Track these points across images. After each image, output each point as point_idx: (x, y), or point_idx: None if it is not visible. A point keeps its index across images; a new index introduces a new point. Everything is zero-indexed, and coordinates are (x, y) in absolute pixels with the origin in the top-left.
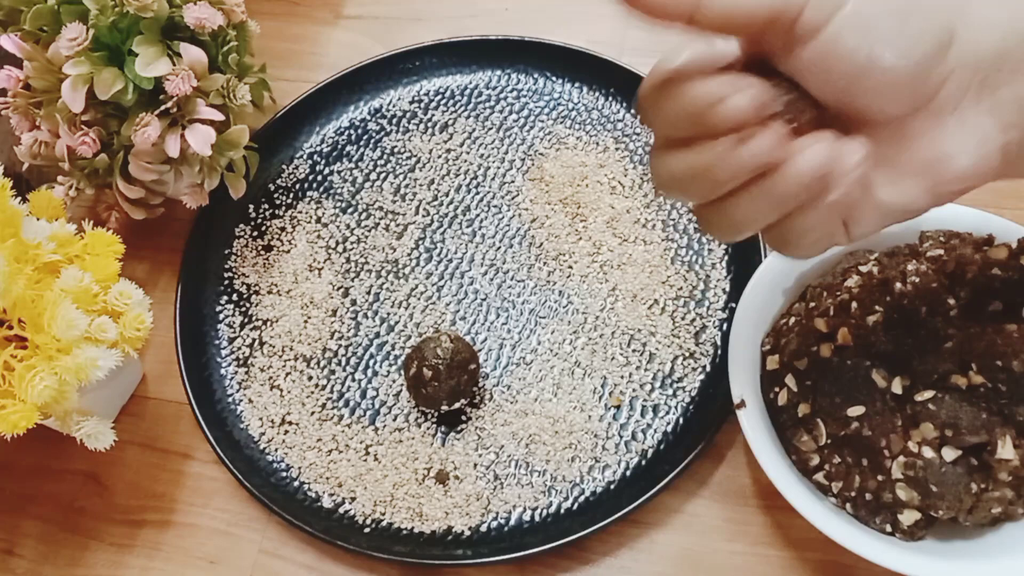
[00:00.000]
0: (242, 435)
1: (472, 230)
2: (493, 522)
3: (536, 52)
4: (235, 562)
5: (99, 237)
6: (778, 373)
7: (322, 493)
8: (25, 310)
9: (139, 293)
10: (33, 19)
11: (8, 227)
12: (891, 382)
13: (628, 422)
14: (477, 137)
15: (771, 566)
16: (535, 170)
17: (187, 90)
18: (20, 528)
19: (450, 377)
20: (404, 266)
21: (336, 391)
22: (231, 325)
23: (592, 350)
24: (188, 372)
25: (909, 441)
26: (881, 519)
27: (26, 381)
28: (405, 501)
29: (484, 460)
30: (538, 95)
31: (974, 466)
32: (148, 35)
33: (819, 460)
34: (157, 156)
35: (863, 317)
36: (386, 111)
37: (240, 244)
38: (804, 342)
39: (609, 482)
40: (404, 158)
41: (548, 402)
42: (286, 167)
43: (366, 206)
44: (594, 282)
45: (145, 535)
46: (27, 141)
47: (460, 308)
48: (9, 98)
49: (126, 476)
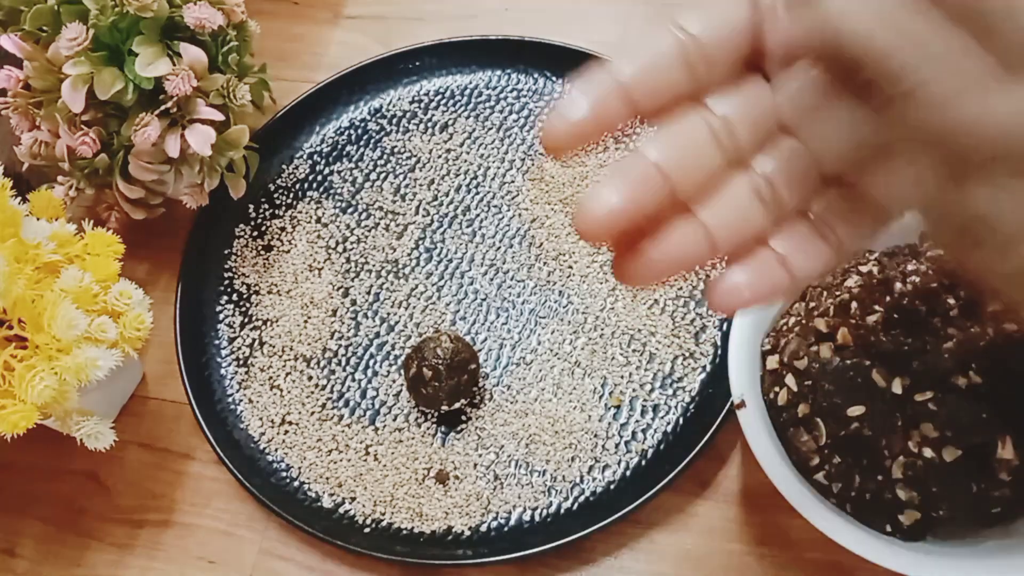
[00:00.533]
0: (242, 435)
1: (472, 230)
2: (493, 522)
3: (536, 52)
4: (235, 562)
5: (99, 237)
6: (778, 373)
7: (322, 493)
8: (25, 310)
9: (139, 293)
10: (33, 19)
11: (8, 227)
12: (891, 382)
13: (628, 422)
14: (477, 137)
15: (771, 566)
16: (535, 170)
17: (187, 90)
18: (20, 528)
19: (450, 377)
20: (404, 266)
21: (336, 391)
22: (231, 325)
23: (592, 350)
24: (188, 372)
25: (909, 441)
26: (881, 519)
27: (26, 381)
28: (405, 501)
29: (484, 460)
30: (538, 95)
31: (974, 466)
32: (148, 35)
33: (819, 460)
34: (157, 156)
35: (863, 317)
36: (386, 111)
37: (240, 244)
38: (804, 342)
39: (609, 482)
40: (404, 158)
41: (548, 402)
42: (286, 167)
43: (366, 206)
44: (594, 282)
45: (145, 535)
46: (27, 141)
47: (460, 308)
48: (9, 98)
49: (126, 476)
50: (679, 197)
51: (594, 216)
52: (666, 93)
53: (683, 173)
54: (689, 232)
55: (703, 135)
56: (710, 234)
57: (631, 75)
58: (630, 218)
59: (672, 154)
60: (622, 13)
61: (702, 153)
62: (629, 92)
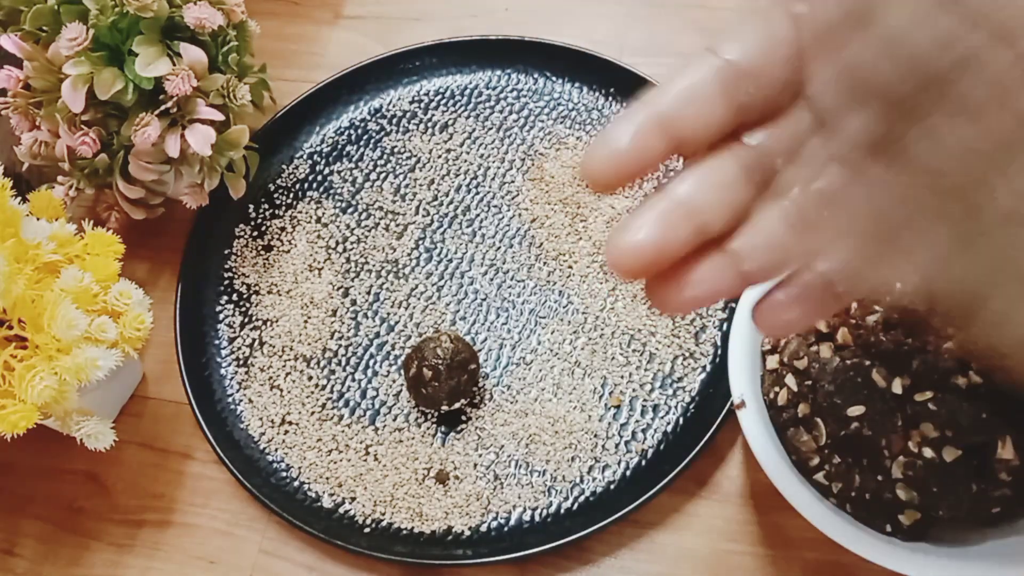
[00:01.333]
0: (242, 435)
1: (472, 230)
2: (493, 522)
3: (536, 52)
4: (235, 562)
5: (99, 237)
6: (778, 373)
7: (322, 493)
8: (25, 310)
9: (139, 293)
10: (33, 19)
11: (8, 227)
12: (891, 382)
13: (628, 422)
14: (477, 137)
15: (771, 566)
16: (535, 170)
17: (187, 90)
18: (20, 528)
19: (450, 377)
20: (404, 266)
21: (336, 391)
22: (231, 325)
23: (592, 350)
24: (188, 372)
25: (909, 441)
26: (881, 519)
27: (26, 381)
28: (405, 501)
29: (484, 460)
30: (538, 95)
31: (974, 466)
32: (148, 35)
33: (819, 460)
34: (157, 156)
35: (863, 317)
36: (386, 111)
37: (240, 244)
38: (804, 342)
39: (609, 482)
40: (404, 158)
41: (548, 402)
42: (286, 167)
43: (366, 206)
44: (594, 282)
45: (145, 535)
46: (27, 141)
47: (460, 308)
48: (9, 98)
49: (126, 476)
50: (708, 234)
51: (625, 255)
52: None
53: (712, 212)
54: (719, 264)
55: (733, 171)
56: (741, 265)
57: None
58: (660, 257)
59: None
60: (621, 13)
61: (732, 190)
62: (668, 124)
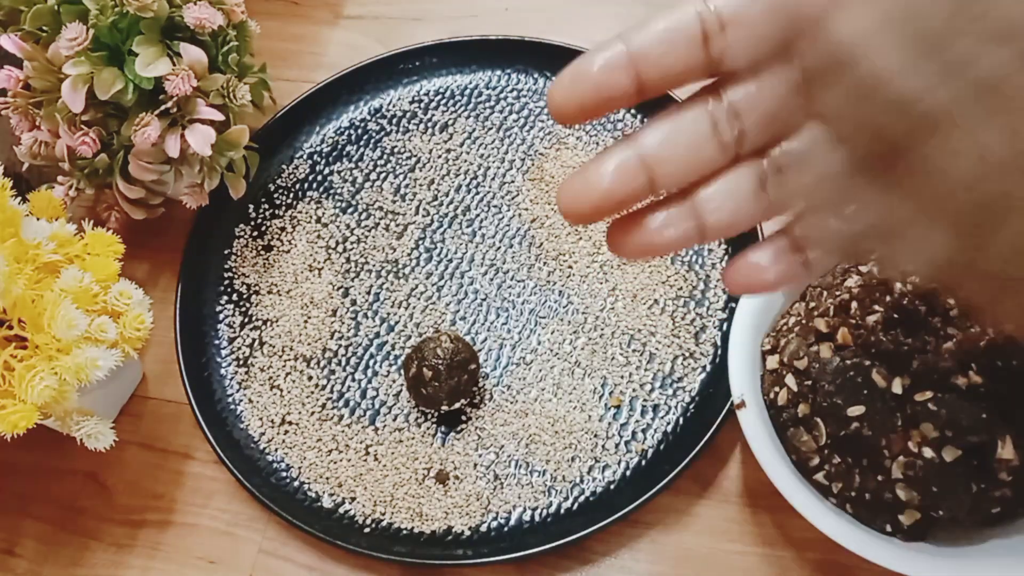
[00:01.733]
0: (242, 435)
1: (472, 230)
2: (493, 522)
3: (536, 52)
4: (235, 562)
5: (99, 237)
6: (778, 373)
7: (322, 493)
8: (25, 310)
9: (139, 293)
10: (33, 19)
11: (8, 227)
12: (891, 382)
13: (628, 422)
14: (477, 137)
15: (771, 566)
16: (535, 170)
17: (187, 90)
18: (20, 528)
19: (450, 377)
20: (404, 266)
21: (336, 391)
22: (231, 325)
23: (592, 350)
24: (188, 372)
25: (909, 441)
26: (881, 519)
27: (26, 381)
28: (405, 501)
29: (484, 460)
30: (538, 95)
31: (974, 466)
32: (148, 35)
33: (819, 460)
34: (157, 156)
35: (863, 317)
36: (386, 111)
37: (240, 244)
38: (804, 342)
39: (609, 482)
40: (404, 158)
41: (548, 402)
42: (286, 167)
43: (366, 206)
44: (594, 282)
45: (145, 535)
46: (27, 141)
47: (460, 308)
48: (9, 98)
49: (126, 476)
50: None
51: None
52: (676, 68)
53: (671, 168)
54: (681, 214)
55: (703, 129)
56: (701, 222)
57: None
58: (608, 204)
59: (664, 148)
60: (622, 13)
61: (697, 148)
62: (637, 62)
